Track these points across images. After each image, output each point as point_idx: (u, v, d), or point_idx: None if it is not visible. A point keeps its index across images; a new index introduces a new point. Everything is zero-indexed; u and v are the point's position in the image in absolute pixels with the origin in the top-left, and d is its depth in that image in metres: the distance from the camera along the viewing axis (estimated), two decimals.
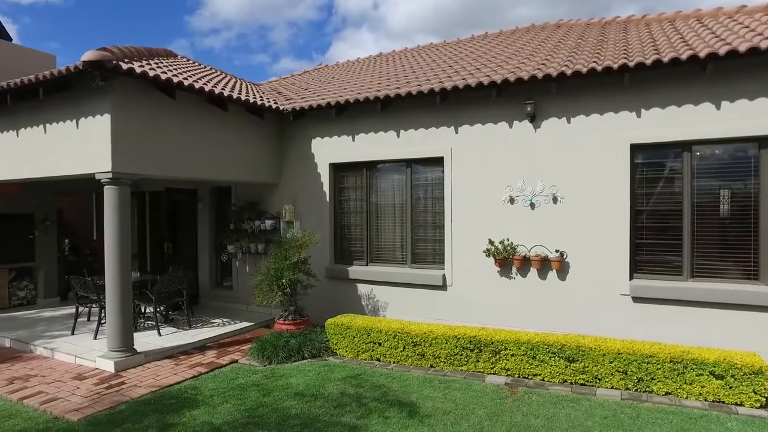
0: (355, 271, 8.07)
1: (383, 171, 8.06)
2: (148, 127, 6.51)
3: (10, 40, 10.53)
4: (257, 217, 8.63)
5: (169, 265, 9.09)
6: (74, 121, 6.49)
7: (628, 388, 5.19)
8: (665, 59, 5.58)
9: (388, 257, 8.04)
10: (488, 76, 6.87)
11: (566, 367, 5.41)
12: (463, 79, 7.11)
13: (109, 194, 6.24)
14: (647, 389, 5.12)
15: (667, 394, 5.05)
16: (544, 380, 5.55)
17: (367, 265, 8.12)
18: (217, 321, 8.35)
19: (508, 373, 5.75)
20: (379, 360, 6.46)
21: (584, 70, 6.01)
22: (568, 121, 6.55)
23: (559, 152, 6.60)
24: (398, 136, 7.70)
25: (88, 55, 5.64)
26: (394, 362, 6.35)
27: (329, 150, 8.28)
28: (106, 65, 5.70)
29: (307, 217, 8.46)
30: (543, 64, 6.91)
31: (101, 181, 6.25)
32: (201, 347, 7.16)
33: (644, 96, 6.10)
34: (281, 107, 8.19)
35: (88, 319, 8.32)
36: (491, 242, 6.92)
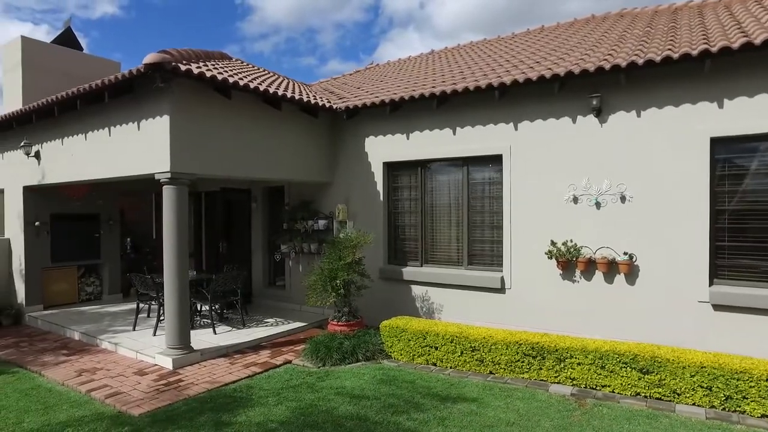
0: (410, 272, 7.88)
1: (438, 170, 7.83)
2: (204, 127, 6.58)
3: (82, 50, 11.02)
4: (310, 216, 8.60)
5: (223, 264, 9.22)
6: (136, 123, 6.64)
7: (713, 406, 4.72)
8: (757, 41, 5.06)
9: (443, 258, 7.80)
10: (550, 69, 6.51)
11: (639, 379, 4.99)
12: (523, 73, 6.78)
13: (168, 194, 6.34)
14: (737, 409, 4.62)
15: (763, 416, 4.54)
16: (614, 392, 5.16)
17: (421, 266, 7.91)
18: (271, 320, 8.38)
19: (574, 383, 5.39)
20: (435, 365, 6.23)
21: (658, 58, 5.56)
22: (638, 115, 6.09)
23: (628, 148, 6.16)
24: (454, 134, 7.45)
25: (149, 58, 5.74)
26: (451, 367, 6.11)
27: (383, 149, 8.14)
28: (165, 67, 5.78)
29: (360, 217, 8.35)
30: (609, 54, 6.48)
31: (160, 181, 6.36)
32: (255, 346, 7.17)
33: (727, 85, 5.57)
34: (335, 106, 8.12)
35: (148, 315, 8.54)
36: (553, 243, 6.55)
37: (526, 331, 6.01)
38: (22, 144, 8.49)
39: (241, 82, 6.62)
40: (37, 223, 9.25)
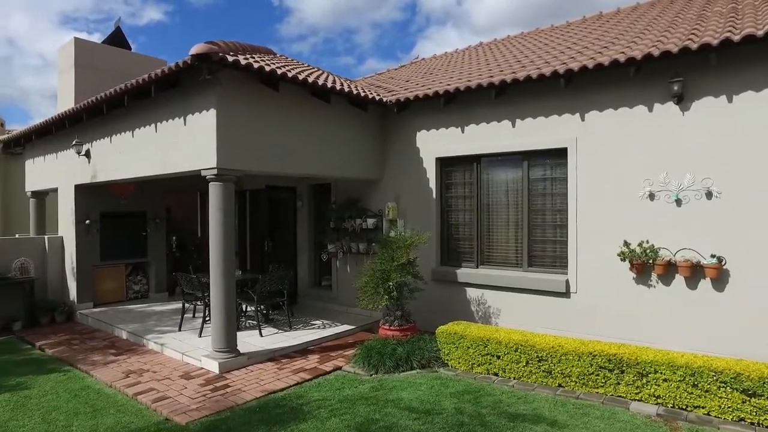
0: (464, 273, 7.39)
1: (496, 165, 7.30)
2: (251, 121, 6.29)
3: (130, 49, 11.07)
4: (358, 215, 8.23)
5: (268, 264, 8.96)
6: (182, 118, 6.42)
7: None
8: None
9: (501, 259, 7.27)
10: (623, 53, 5.89)
11: (744, 402, 4.34)
12: (591, 58, 6.17)
13: (214, 191, 6.07)
14: None
15: None
16: (710, 414, 4.52)
17: (476, 267, 7.40)
18: (318, 323, 8.05)
19: (659, 401, 4.77)
20: (496, 374, 5.73)
21: (760, 32, 4.87)
22: (730, 100, 5.40)
23: (716, 138, 5.47)
24: (513, 126, 6.91)
25: (196, 49, 5.48)
26: (514, 378, 5.59)
27: (436, 143, 7.67)
28: (212, 57, 5.50)
29: (411, 215, 7.91)
30: (692, 34, 5.79)
31: (206, 177, 6.11)
32: (303, 350, 6.85)
33: None
34: (384, 99, 7.71)
35: (193, 316, 8.38)
36: (627, 244, 5.92)
37: (599, 341, 5.41)
38: (73, 143, 8.48)
39: (289, 74, 6.30)
40: (87, 222, 9.26)
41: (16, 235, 10.85)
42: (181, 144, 6.46)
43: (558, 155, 6.63)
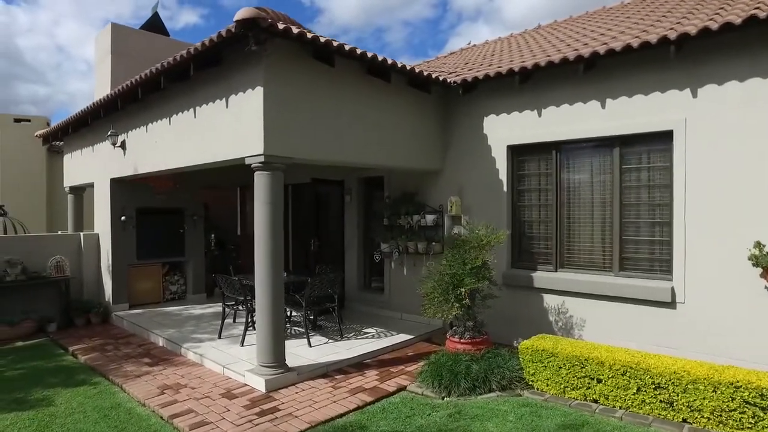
0: (541, 278, 6.35)
1: (579, 152, 6.23)
2: (302, 102, 5.42)
3: (168, 35, 10.47)
4: (416, 211, 7.27)
5: (314, 265, 8.11)
6: (224, 99, 5.61)
7: None
8: None
9: (585, 262, 6.19)
10: (758, 8, 4.75)
11: None
12: (711, 19, 5.06)
13: (261, 182, 5.22)
14: None
15: None
16: None
17: (555, 270, 6.34)
18: (370, 331, 7.13)
19: None
20: (596, 401, 4.67)
21: None
22: None
23: None
24: (603, 107, 5.83)
25: (242, 13, 4.62)
26: (621, 407, 4.52)
27: (507, 129, 6.64)
28: (260, 24, 4.63)
29: (476, 211, 6.91)
30: None
31: (252, 166, 5.26)
32: (358, 364, 5.94)
33: None
34: (449, 79, 6.73)
35: (234, 321, 7.60)
36: (759, 246, 4.77)
37: (738, 367, 4.28)
38: (108, 134, 7.83)
39: (346, 47, 5.40)
40: (123, 218, 8.62)
41: (59, 232, 10.37)
42: (223, 129, 5.65)
43: (660, 139, 5.52)
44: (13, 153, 13.27)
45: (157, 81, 6.15)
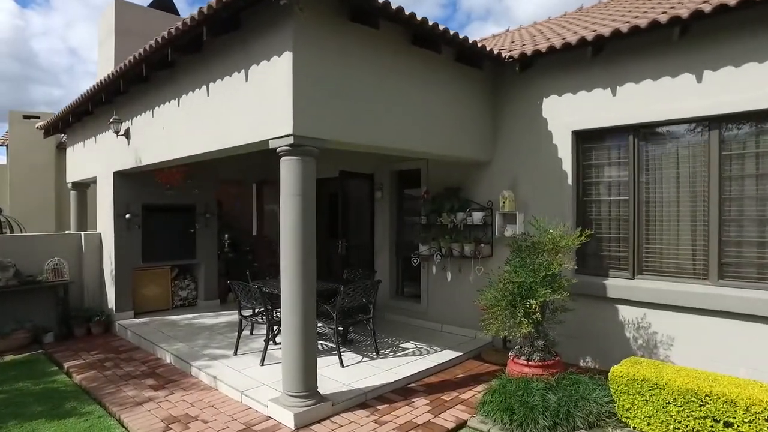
0: (616, 286, 5.27)
1: (665, 137, 5.13)
2: (337, 74, 4.39)
3: (178, 14, 9.47)
4: (461, 208, 6.21)
5: (342, 269, 7.06)
6: (242, 72, 4.59)
7: None
8: None
9: (670, 267, 5.10)
10: None
11: None
12: None
13: (289, 169, 4.19)
14: None
15: None
16: None
17: (632, 277, 5.26)
18: (409, 346, 6.08)
19: None
20: None
21: None
22: None
23: None
24: (699, 81, 4.74)
25: None
26: None
27: (571, 112, 5.56)
28: None
29: (533, 207, 5.84)
30: None
31: (277, 150, 4.23)
32: (403, 390, 4.89)
33: None
34: (503, 53, 5.67)
35: (251, 333, 6.59)
36: None
37: None
38: (111, 120, 6.84)
39: (392, 6, 4.36)
40: (128, 216, 7.63)
41: (66, 232, 9.41)
42: (243, 108, 4.63)
43: None
44: (22, 150, 12.50)
45: (164, 54, 5.13)
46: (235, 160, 9.12)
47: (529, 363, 4.52)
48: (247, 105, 4.56)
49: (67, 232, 9.45)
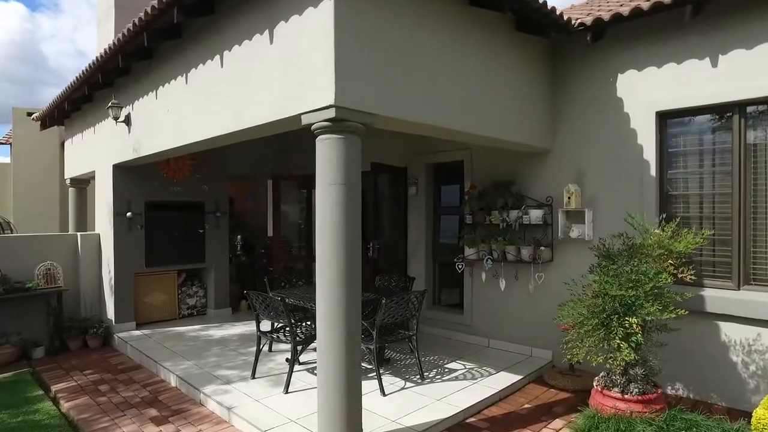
0: (715, 299, 4.27)
1: None
2: (384, 35, 3.43)
3: None
4: (516, 205, 5.23)
5: (374, 275, 6.08)
6: (265, 33, 3.63)
7: None
8: None
9: None
10: None
11: None
12: None
13: (329, 151, 3.23)
14: None
15: None
16: None
17: (737, 288, 4.25)
18: (456, 367, 5.09)
19: None
20: None
21: None
22: None
23: None
24: None
25: None
26: None
27: (656, 89, 4.56)
28: None
29: (604, 203, 4.86)
30: None
31: (313, 128, 3.27)
32: (460, 425, 3.91)
33: None
34: (573, 20, 4.69)
35: (270, 349, 5.63)
36: None
37: None
38: (109, 104, 5.90)
39: None
40: (129, 214, 6.67)
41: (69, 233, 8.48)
42: (265, 78, 3.67)
43: None
44: (26, 148, 11.68)
45: (169, 18, 4.17)
46: (249, 152, 8.18)
47: (625, 396, 3.53)
48: (272, 74, 3.60)
49: (62, 233, 8.54)
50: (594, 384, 3.80)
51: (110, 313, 6.67)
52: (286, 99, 3.47)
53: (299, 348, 4.63)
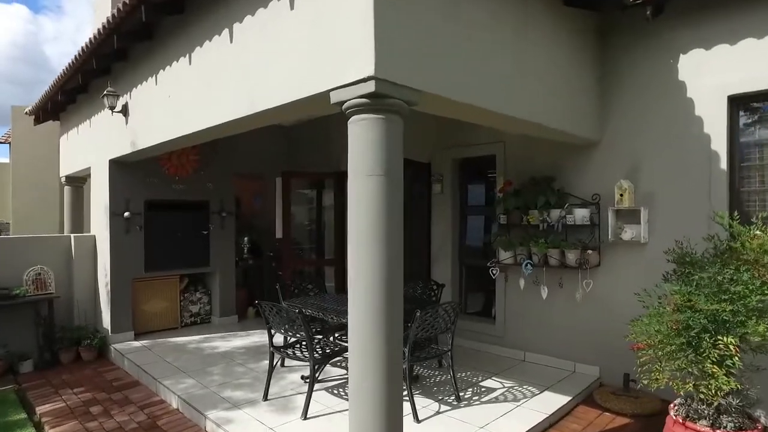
0: None
1: None
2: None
3: None
4: (559, 203, 4.61)
5: None
6: None
7: None
8: None
9: None
10: None
11: None
12: None
13: (366, 134, 2.61)
14: None
15: None
16: None
17: None
18: (494, 385, 4.46)
19: None
20: None
21: None
22: None
23: None
24: None
25: None
26: None
27: (727, 69, 3.93)
28: None
29: (664, 201, 4.24)
30: None
31: (346, 106, 2.66)
32: None
33: None
34: None
35: (282, 364, 5.00)
36: None
37: None
38: (104, 93, 5.28)
39: None
40: (126, 214, 6.05)
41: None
42: (284, 49, 3.04)
43: None
44: (25, 147, 11.09)
45: None
46: (257, 148, 7.60)
47: (715, 430, 2.92)
48: (293, 45, 2.98)
49: (54, 234, 7.91)
50: (671, 413, 3.17)
51: (106, 322, 6.05)
52: (311, 74, 2.85)
53: (319, 365, 4.00)
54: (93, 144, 6.46)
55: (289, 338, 4.63)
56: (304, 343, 4.22)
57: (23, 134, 11.25)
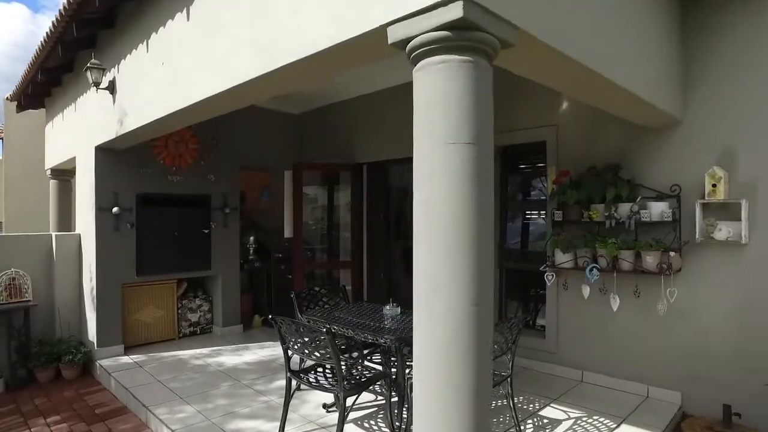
0: None
1: None
2: None
3: None
4: (630, 196, 3.78)
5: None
6: None
7: None
8: None
9: None
10: None
11: None
12: None
13: (445, 83, 1.74)
14: None
15: None
16: None
17: None
18: (558, 415, 3.61)
19: None
20: None
21: None
22: None
23: None
24: None
25: None
26: None
27: None
28: None
29: (766, 192, 3.44)
30: None
31: (415, 43, 1.79)
32: None
33: None
34: None
35: (299, 388, 4.13)
36: None
37: None
38: (87, 66, 4.41)
39: None
40: (115, 210, 5.18)
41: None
42: None
43: None
44: (19, 143, 10.30)
45: None
46: (264, 138, 6.79)
47: None
48: None
49: (32, 233, 7.01)
50: None
51: (92, 334, 5.17)
52: (357, 6, 2.01)
53: (348, 394, 3.15)
54: (78, 129, 5.59)
55: (304, 359, 3.78)
56: (327, 367, 3.38)
57: (15, 129, 10.42)
